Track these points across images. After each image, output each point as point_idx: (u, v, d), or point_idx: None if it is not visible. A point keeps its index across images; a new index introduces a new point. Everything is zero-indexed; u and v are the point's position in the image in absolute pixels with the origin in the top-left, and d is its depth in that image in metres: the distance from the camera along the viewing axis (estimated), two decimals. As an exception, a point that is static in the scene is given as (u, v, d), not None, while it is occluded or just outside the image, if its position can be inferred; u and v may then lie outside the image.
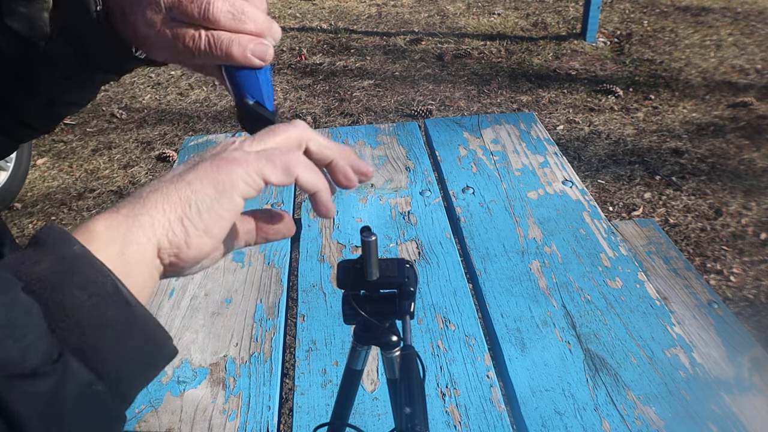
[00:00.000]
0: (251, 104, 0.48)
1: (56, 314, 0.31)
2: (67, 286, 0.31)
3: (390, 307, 0.56)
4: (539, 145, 1.47)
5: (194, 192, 0.37)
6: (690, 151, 2.78)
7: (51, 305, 0.31)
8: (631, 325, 0.99)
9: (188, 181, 0.38)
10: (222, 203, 0.37)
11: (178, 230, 0.37)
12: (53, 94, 0.57)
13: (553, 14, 4.29)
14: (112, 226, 0.35)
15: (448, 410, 0.87)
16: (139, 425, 0.86)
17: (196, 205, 0.37)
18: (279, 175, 0.39)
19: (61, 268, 0.32)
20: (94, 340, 0.31)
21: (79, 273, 0.32)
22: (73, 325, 0.31)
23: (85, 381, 0.31)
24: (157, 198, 0.37)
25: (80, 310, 0.31)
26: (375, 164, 1.43)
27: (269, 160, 0.39)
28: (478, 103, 3.25)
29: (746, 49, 3.67)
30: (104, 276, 0.33)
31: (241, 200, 0.39)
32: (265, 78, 0.48)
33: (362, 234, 0.52)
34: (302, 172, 0.40)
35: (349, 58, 3.80)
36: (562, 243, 1.16)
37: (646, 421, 0.84)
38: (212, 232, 0.38)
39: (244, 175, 0.38)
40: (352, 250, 1.18)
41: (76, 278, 0.32)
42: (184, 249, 0.37)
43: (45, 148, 3.06)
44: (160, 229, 0.36)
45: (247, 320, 1.03)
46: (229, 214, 0.38)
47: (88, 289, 0.32)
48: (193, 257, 0.38)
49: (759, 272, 2.13)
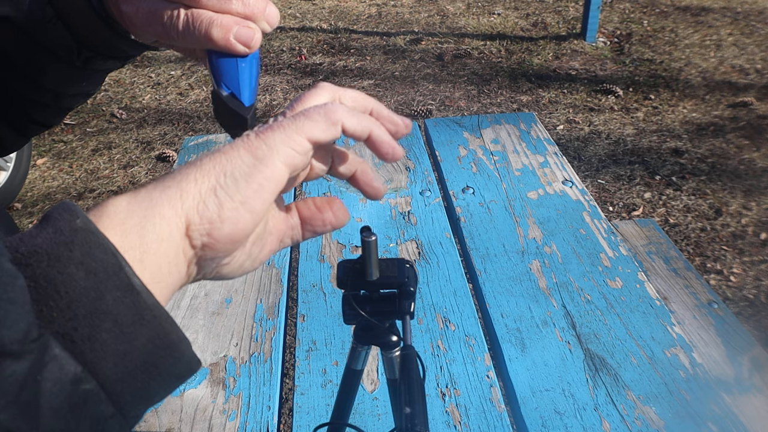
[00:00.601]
0: (224, 95, 0.42)
1: (46, 291, 0.26)
2: (63, 262, 0.27)
3: (390, 307, 0.56)
4: (539, 145, 1.47)
5: (230, 160, 0.33)
6: (690, 151, 2.78)
7: (41, 280, 0.26)
8: (631, 325, 0.99)
9: (223, 151, 0.33)
10: (262, 170, 0.33)
11: (210, 202, 0.32)
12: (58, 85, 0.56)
13: (553, 14, 4.29)
14: (135, 201, 0.31)
15: (448, 410, 0.87)
16: (139, 425, 0.86)
17: (232, 174, 0.32)
18: (323, 129, 0.35)
19: (59, 240, 0.27)
20: (89, 328, 0.27)
21: (78, 248, 0.27)
22: (64, 306, 0.26)
23: (71, 375, 0.26)
24: (188, 170, 0.32)
25: (74, 290, 0.27)
26: (375, 164, 1.43)
27: (307, 117, 0.35)
28: (478, 103, 3.25)
29: (746, 49, 3.67)
30: (106, 252, 0.28)
31: (285, 169, 0.33)
32: (248, 68, 0.43)
33: (362, 234, 0.52)
34: (347, 117, 0.36)
35: (349, 58, 3.80)
36: (562, 243, 1.16)
37: (646, 421, 0.84)
38: (251, 204, 0.32)
39: (284, 138, 0.33)
40: (352, 250, 1.18)
41: (76, 252, 0.27)
42: (217, 224, 0.32)
43: (45, 148, 3.06)
44: (190, 201, 0.31)
45: (247, 320, 1.03)
46: (270, 184, 0.33)
47: (86, 265, 0.27)
48: (228, 236, 0.32)
49: (759, 272, 2.13)
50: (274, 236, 0.39)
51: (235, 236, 0.33)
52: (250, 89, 0.43)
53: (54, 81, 0.55)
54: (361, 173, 0.41)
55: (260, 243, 0.37)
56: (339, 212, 0.41)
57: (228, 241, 0.33)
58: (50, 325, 0.26)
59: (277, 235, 0.39)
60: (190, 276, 0.34)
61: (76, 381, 0.26)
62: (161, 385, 0.30)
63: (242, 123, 0.42)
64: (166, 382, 0.30)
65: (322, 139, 0.35)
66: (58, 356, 0.26)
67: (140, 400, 0.29)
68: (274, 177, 0.33)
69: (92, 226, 0.28)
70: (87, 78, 0.57)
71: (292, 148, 0.34)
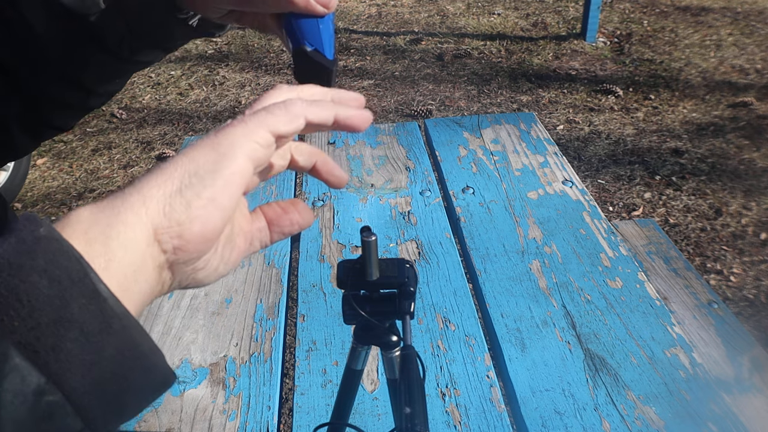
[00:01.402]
0: (309, 51, 0.45)
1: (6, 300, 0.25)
2: (25, 270, 0.26)
3: (390, 307, 0.56)
4: (539, 145, 1.47)
5: (192, 160, 0.32)
6: (690, 151, 2.78)
7: (2, 290, 0.25)
8: (631, 325, 0.99)
9: (184, 153, 0.33)
10: (226, 165, 0.32)
11: (177, 203, 0.31)
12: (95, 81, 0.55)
13: (553, 14, 4.29)
14: (97, 210, 0.30)
15: (448, 410, 0.87)
16: (139, 425, 0.86)
17: (196, 173, 0.32)
18: (284, 122, 0.34)
19: (21, 249, 0.26)
20: (53, 338, 0.26)
21: (42, 255, 0.26)
22: (26, 315, 0.25)
23: (34, 386, 0.25)
24: (149, 177, 0.32)
25: (37, 299, 0.26)
26: (375, 164, 1.43)
27: (269, 112, 0.35)
28: (478, 103, 3.25)
29: (746, 49, 3.67)
30: (70, 259, 0.27)
31: (249, 163, 0.33)
32: (327, 26, 0.46)
33: (362, 234, 0.52)
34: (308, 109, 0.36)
35: (349, 58, 3.80)
36: (562, 243, 1.16)
37: (646, 421, 0.84)
38: (219, 200, 0.32)
39: (246, 132, 0.33)
40: (352, 250, 1.18)
41: (39, 261, 0.26)
42: (186, 224, 0.31)
43: (45, 148, 3.06)
44: (154, 206, 0.31)
45: (247, 320, 1.03)
46: (236, 177, 0.33)
47: (49, 272, 0.26)
48: (199, 235, 0.32)
49: (759, 272, 2.13)
50: (242, 238, 0.39)
51: (206, 235, 0.32)
52: (331, 45, 0.47)
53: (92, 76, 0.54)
54: (321, 164, 0.42)
55: (230, 245, 0.37)
56: (304, 212, 0.41)
57: (199, 240, 0.32)
58: (11, 336, 0.25)
59: (244, 236, 0.39)
60: (164, 283, 0.33)
61: (40, 392, 0.25)
62: (132, 399, 0.29)
63: (328, 75, 0.46)
64: (137, 395, 0.29)
65: (284, 131, 0.35)
66: (18, 366, 0.25)
67: (110, 415, 0.28)
68: (240, 171, 0.33)
69: (56, 233, 0.28)
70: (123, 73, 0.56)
71: (255, 142, 0.33)
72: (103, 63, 0.53)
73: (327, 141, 1.54)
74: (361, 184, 1.36)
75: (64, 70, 0.53)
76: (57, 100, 0.56)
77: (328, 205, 1.30)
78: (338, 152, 1.48)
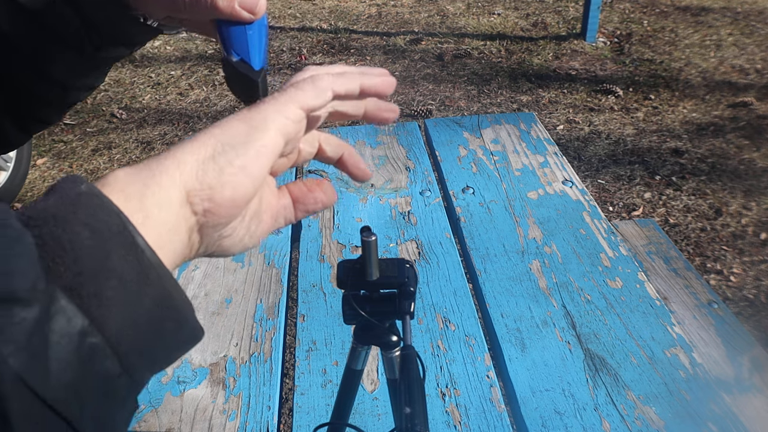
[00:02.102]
0: (234, 61, 0.44)
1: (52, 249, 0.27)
2: (69, 222, 0.27)
3: (390, 307, 0.56)
4: (539, 145, 1.47)
5: (225, 131, 0.34)
6: (690, 151, 2.78)
7: (47, 239, 0.27)
8: (631, 325, 0.99)
9: (217, 125, 0.35)
10: (258, 138, 0.34)
11: (210, 168, 0.33)
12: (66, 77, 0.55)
13: (553, 14, 4.29)
14: (133, 172, 0.32)
15: (448, 410, 0.87)
16: (139, 425, 0.86)
17: (229, 143, 0.33)
18: (313, 96, 0.36)
19: (63, 202, 0.28)
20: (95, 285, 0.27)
21: (84, 209, 0.28)
22: (70, 262, 0.27)
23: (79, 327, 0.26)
24: (184, 145, 0.33)
25: (80, 248, 0.27)
26: (375, 164, 1.43)
27: (297, 87, 0.36)
28: (478, 103, 3.25)
29: (746, 49, 3.68)
30: (109, 213, 0.28)
31: (280, 137, 0.35)
32: (256, 33, 0.44)
33: (362, 234, 0.52)
34: (334, 81, 0.37)
35: (349, 58, 3.80)
36: (562, 243, 1.16)
37: (646, 421, 0.84)
38: (249, 169, 0.33)
39: (277, 107, 0.35)
40: (352, 250, 1.18)
41: (81, 214, 0.28)
42: (218, 188, 0.33)
43: (45, 148, 3.06)
44: (188, 170, 0.32)
45: (247, 320, 1.03)
46: (267, 149, 0.34)
47: (90, 225, 0.28)
48: (229, 199, 0.33)
49: (759, 272, 2.13)
50: (268, 214, 0.40)
51: (236, 200, 0.34)
52: (260, 54, 0.45)
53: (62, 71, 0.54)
54: (348, 156, 0.44)
55: (257, 219, 0.38)
56: (328, 191, 0.43)
57: (229, 205, 0.33)
58: (58, 280, 0.26)
59: (271, 212, 0.41)
60: (193, 246, 0.34)
61: (83, 334, 0.26)
62: (163, 351, 0.31)
63: (253, 87, 0.44)
64: (168, 347, 0.31)
65: (313, 105, 0.36)
66: (65, 308, 0.26)
67: (144, 364, 0.29)
68: (271, 144, 0.35)
69: (96, 190, 0.29)
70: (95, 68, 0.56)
71: (285, 117, 0.35)
72: (69, 59, 0.53)
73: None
74: (361, 184, 1.36)
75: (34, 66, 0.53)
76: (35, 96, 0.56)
77: (328, 205, 1.30)
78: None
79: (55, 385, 0.25)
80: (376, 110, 0.42)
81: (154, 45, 4.06)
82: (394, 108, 0.43)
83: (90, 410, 0.27)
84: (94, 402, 0.27)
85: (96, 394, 0.27)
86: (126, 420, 0.30)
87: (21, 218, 0.27)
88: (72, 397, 0.26)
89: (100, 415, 0.28)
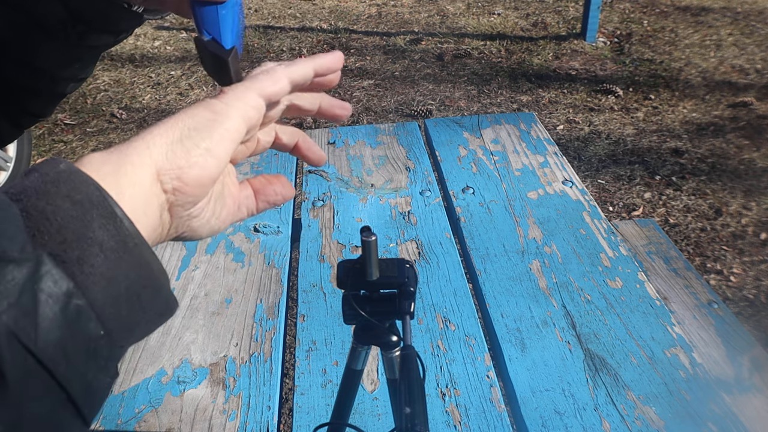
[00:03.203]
0: (206, 40, 0.44)
1: (36, 219, 0.28)
2: (51, 195, 0.29)
3: (390, 307, 0.56)
4: (539, 145, 1.47)
5: (191, 116, 0.37)
6: (690, 151, 2.78)
7: (32, 211, 0.29)
8: (631, 325, 0.99)
9: (183, 111, 0.38)
10: (222, 122, 0.37)
11: (178, 149, 0.35)
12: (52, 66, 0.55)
13: (553, 14, 4.29)
14: (107, 154, 0.34)
15: (448, 410, 0.87)
16: (139, 425, 0.86)
17: (195, 127, 0.36)
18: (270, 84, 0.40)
19: (44, 180, 0.30)
20: (78, 251, 0.29)
21: (65, 184, 0.30)
22: (54, 231, 0.28)
23: (65, 289, 0.28)
24: (152, 129, 0.36)
25: (63, 218, 0.29)
26: (375, 164, 1.43)
27: (254, 79, 0.40)
28: (478, 103, 3.25)
29: (746, 49, 3.67)
30: (89, 186, 0.30)
31: (242, 122, 0.38)
32: (229, 13, 0.45)
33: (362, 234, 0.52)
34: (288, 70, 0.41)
35: (349, 58, 3.80)
36: (562, 243, 1.16)
37: (646, 421, 0.84)
38: (215, 150, 0.37)
39: (238, 95, 0.38)
40: (352, 250, 1.18)
41: (62, 187, 0.30)
42: (186, 168, 0.35)
43: (45, 148, 3.06)
44: (158, 150, 0.35)
45: (247, 320, 1.03)
46: (229, 133, 0.37)
47: (72, 197, 0.29)
48: (196, 178, 0.36)
49: (759, 272, 2.13)
50: (231, 199, 0.43)
51: (201, 180, 0.36)
52: (232, 33, 0.45)
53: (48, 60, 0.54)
54: (302, 142, 0.47)
55: (221, 201, 0.42)
56: (286, 184, 0.47)
57: (196, 184, 0.36)
58: (43, 247, 0.28)
59: (233, 198, 0.44)
60: (164, 225, 0.37)
61: (69, 295, 0.28)
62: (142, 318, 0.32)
63: (223, 66, 0.44)
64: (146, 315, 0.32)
65: (271, 91, 0.40)
66: (52, 272, 0.28)
67: (123, 330, 0.31)
68: (233, 128, 0.38)
69: (74, 167, 0.31)
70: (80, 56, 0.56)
71: (245, 103, 0.38)
72: (54, 48, 0.54)
73: (327, 141, 1.54)
74: (361, 184, 1.36)
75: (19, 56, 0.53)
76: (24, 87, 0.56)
77: (328, 205, 1.30)
78: (338, 152, 1.48)
79: (44, 342, 0.27)
80: (329, 107, 0.46)
81: (154, 45, 4.06)
82: (346, 106, 0.46)
83: (74, 369, 0.28)
84: (78, 362, 0.29)
85: (80, 354, 0.29)
86: (107, 385, 0.31)
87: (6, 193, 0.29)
88: (59, 355, 0.28)
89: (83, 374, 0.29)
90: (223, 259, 1.16)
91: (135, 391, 0.91)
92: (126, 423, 0.86)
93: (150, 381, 0.92)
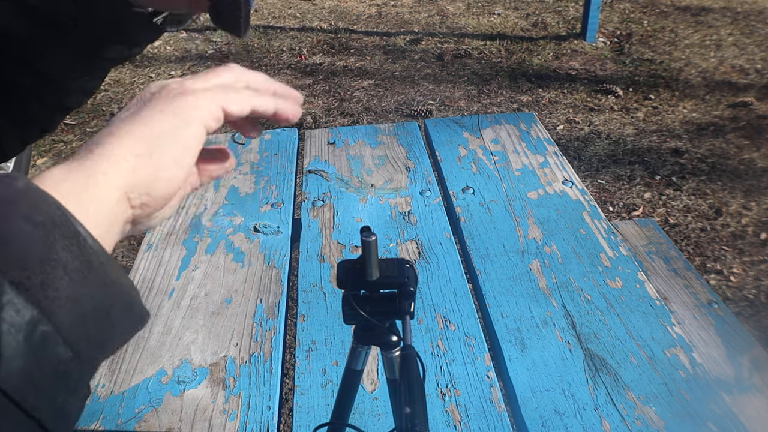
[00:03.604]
0: None
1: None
2: (11, 217, 0.28)
3: (390, 307, 0.56)
4: (539, 145, 1.47)
5: (156, 121, 0.36)
6: (690, 151, 2.78)
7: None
8: (631, 325, 0.99)
9: (145, 116, 0.36)
10: (187, 130, 0.37)
11: (145, 164, 0.35)
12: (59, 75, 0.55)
13: (553, 14, 4.29)
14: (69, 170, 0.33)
15: (448, 410, 0.87)
16: (139, 425, 0.86)
17: (159, 138, 0.36)
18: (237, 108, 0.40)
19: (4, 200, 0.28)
20: (41, 276, 0.28)
21: (24, 204, 0.28)
22: (14, 257, 0.27)
23: (28, 317, 0.27)
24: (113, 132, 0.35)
25: (23, 242, 0.27)
26: (375, 164, 1.43)
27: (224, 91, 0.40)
28: (478, 103, 3.25)
29: (746, 49, 3.67)
30: (50, 206, 0.29)
31: (204, 132, 0.38)
32: None
33: (362, 234, 0.52)
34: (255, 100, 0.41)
35: (349, 58, 3.80)
36: (562, 243, 1.16)
37: (646, 421, 0.84)
38: (182, 162, 0.37)
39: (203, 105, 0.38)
40: (352, 250, 1.18)
41: (22, 209, 0.28)
42: (154, 184, 0.35)
43: (45, 148, 3.06)
44: (124, 165, 0.34)
45: (247, 320, 1.03)
46: (195, 141, 0.37)
47: (32, 219, 0.28)
48: (163, 191, 0.36)
49: (759, 272, 2.13)
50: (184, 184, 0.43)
51: (170, 191, 0.37)
52: None
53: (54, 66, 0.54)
54: None
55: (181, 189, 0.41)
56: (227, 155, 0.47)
57: (164, 196, 0.36)
58: (4, 275, 0.27)
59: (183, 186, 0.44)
60: (125, 233, 0.36)
61: (33, 323, 0.27)
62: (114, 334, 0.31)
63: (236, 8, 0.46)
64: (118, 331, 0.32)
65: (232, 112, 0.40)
66: (13, 301, 0.27)
67: (94, 349, 0.30)
68: (199, 135, 0.38)
69: (34, 185, 0.30)
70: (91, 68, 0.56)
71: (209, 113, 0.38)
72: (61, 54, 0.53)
73: (327, 141, 1.54)
74: (361, 184, 1.36)
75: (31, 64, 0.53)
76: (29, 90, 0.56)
77: (328, 205, 1.30)
78: (338, 152, 1.48)
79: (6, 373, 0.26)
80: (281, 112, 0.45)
81: (153, 45, 4.06)
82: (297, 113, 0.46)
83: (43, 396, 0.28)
84: (47, 388, 0.28)
85: (49, 379, 0.28)
86: (79, 406, 0.31)
87: None
88: (25, 383, 0.27)
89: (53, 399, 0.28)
90: (223, 259, 1.16)
91: (135, 391, 0.91)
92: (126, 423, 0.86)
93: (150, 381, 0.92)
